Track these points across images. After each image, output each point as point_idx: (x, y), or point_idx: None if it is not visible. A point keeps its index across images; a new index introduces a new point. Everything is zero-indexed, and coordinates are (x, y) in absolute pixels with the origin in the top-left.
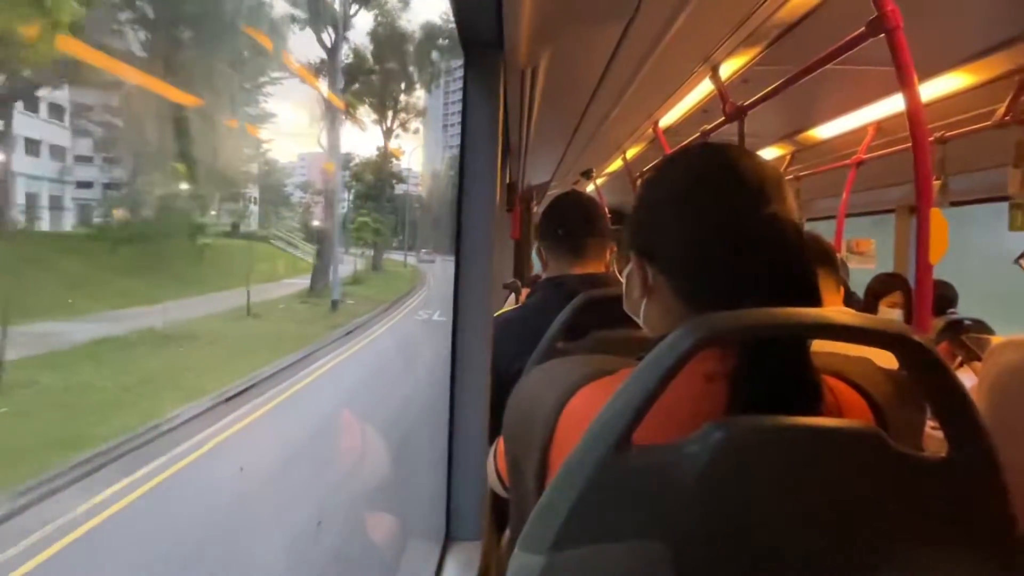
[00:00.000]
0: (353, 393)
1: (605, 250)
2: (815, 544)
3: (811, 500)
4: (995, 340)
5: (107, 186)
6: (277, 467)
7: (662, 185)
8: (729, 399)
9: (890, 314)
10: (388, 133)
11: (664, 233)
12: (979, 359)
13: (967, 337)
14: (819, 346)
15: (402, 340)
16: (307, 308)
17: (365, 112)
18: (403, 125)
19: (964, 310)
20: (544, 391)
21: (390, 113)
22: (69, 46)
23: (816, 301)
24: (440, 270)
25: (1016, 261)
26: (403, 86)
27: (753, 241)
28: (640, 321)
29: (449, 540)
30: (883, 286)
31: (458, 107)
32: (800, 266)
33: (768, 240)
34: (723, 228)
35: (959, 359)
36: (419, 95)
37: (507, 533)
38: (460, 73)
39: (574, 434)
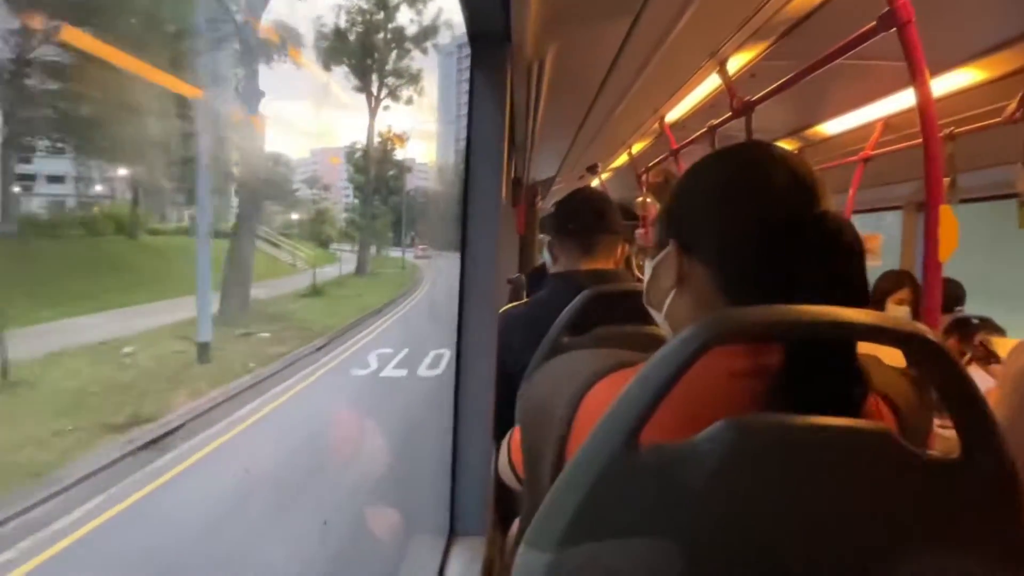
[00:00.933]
0: None
1: (616, 247)
2: (826, 546)
3: (823, 501)
4: (998, 341)
5: None
6: None
7: (712, 175)
8: (758, 397)
9: (898, 311)
10: (375, 104)
11: (713, 223)
12: (998, 361)
13: (987, 340)
14: None
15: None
16: (166, 357)
17: (344, 76)
18: (393, 93)
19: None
20: (563, 382)
21: (374, 77)
22: None
23: (866, 302)
24: (438, 272)
25: None
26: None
27: (807, 238)
28: (660, 314)
29: (453, 535)
30: (891, 283)
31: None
32: (855, 267)
33: (824, 239)
34: (778, 223)
35: (968, 356)
36: (412, 55)
37: (515, 526)
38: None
39: (592, 426)
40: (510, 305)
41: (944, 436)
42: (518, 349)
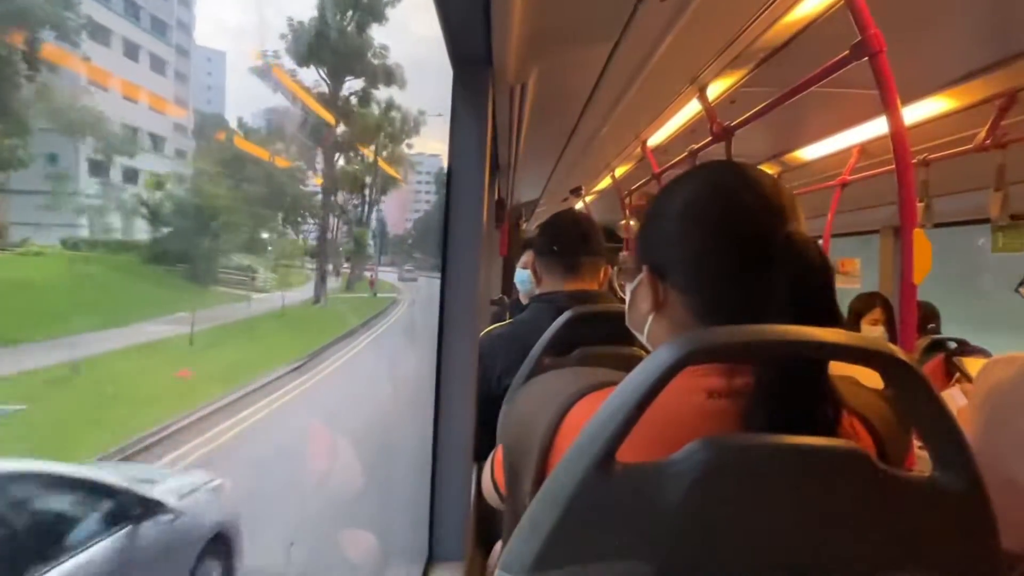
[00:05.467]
0: None
1: (599, 269)
2: (801, 566)
3: (797, 521)
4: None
5: None
6: None
7: (681, 197)
8: (736, 417)
9: (873, 331)
10: None
11: (682, 247)
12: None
13: (961, 360)
14: None
15: None
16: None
17: None
18: None
19: None
20: (545, 401)
21: None
22: None
23: (836, 322)
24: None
25: (1017, 289)
26: None
27: (776, 259)
28: (643, 337)
29: (432, 561)
30: (864, 304)
31: None
32: (823, 286)
33: (791, 258)
34: (746, 244)
35: (956, 376)
36: None
37: (496, 547)
38: None
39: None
40: (493, 326)
41: (924, 457)
42: (501, 369)
